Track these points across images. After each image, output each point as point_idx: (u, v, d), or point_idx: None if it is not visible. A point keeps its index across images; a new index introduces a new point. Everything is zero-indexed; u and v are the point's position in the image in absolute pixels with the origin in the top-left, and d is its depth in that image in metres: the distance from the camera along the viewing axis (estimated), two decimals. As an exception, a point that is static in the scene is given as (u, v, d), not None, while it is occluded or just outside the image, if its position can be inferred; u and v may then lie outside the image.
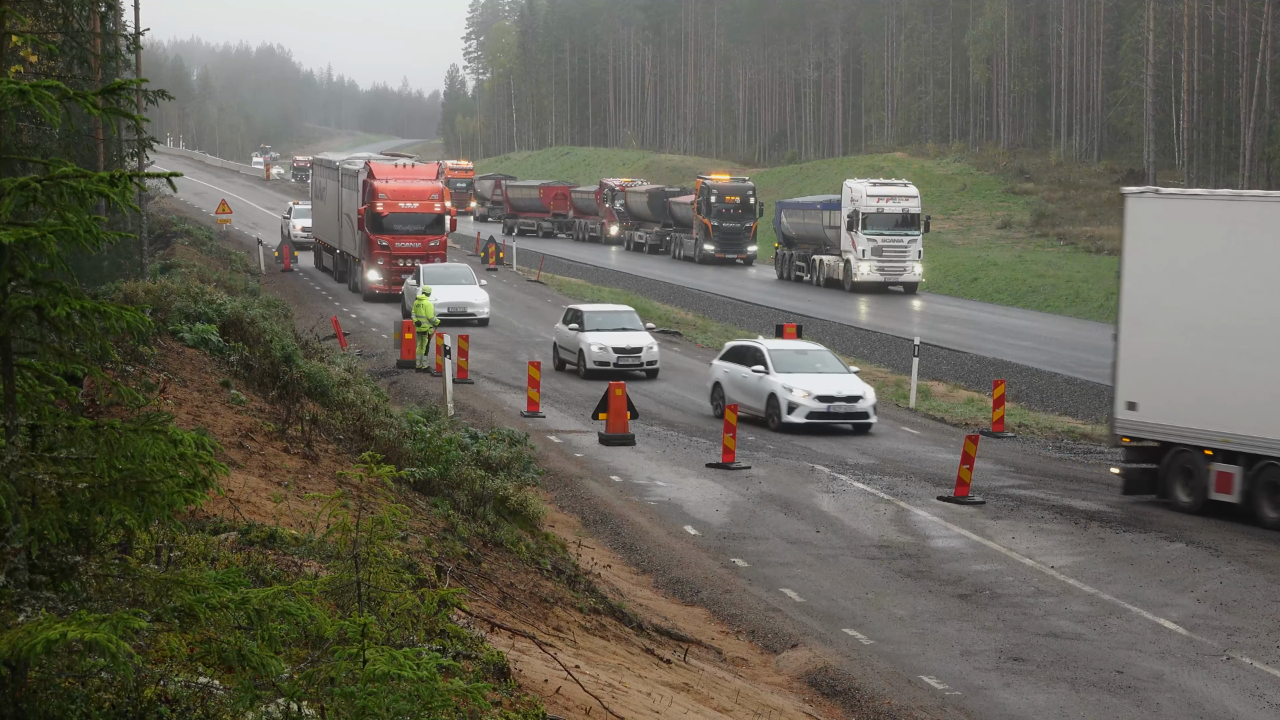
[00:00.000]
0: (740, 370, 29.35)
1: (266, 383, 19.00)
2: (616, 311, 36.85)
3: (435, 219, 49.49)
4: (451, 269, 47.11)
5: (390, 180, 49.24)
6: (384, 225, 48.51)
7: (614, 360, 34.31)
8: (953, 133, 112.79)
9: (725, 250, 72.90)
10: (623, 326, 35.46)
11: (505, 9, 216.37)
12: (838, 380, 28.68)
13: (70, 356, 5.90)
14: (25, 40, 8.20)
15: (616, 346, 34.53)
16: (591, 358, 34.34)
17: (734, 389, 29.21)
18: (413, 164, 51.24)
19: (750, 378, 28.98)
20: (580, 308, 36.55)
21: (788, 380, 28.40)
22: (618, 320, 35.83)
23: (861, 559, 19.12)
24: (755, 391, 28.82)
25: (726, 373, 29.78)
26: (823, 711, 13.41)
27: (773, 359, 28.85)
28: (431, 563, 11.62)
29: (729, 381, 29.51)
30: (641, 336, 35.29)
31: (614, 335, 34.81)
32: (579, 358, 34.86)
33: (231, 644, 5.64)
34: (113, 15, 38.64)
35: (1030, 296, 61.45)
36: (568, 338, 35.63)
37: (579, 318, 35.50)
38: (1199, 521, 21.74)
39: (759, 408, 28.63)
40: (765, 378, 28.61)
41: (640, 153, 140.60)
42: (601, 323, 35.35)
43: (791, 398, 28.12)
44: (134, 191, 5.66)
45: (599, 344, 34.41)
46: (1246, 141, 69.94)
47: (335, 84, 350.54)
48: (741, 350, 30.24)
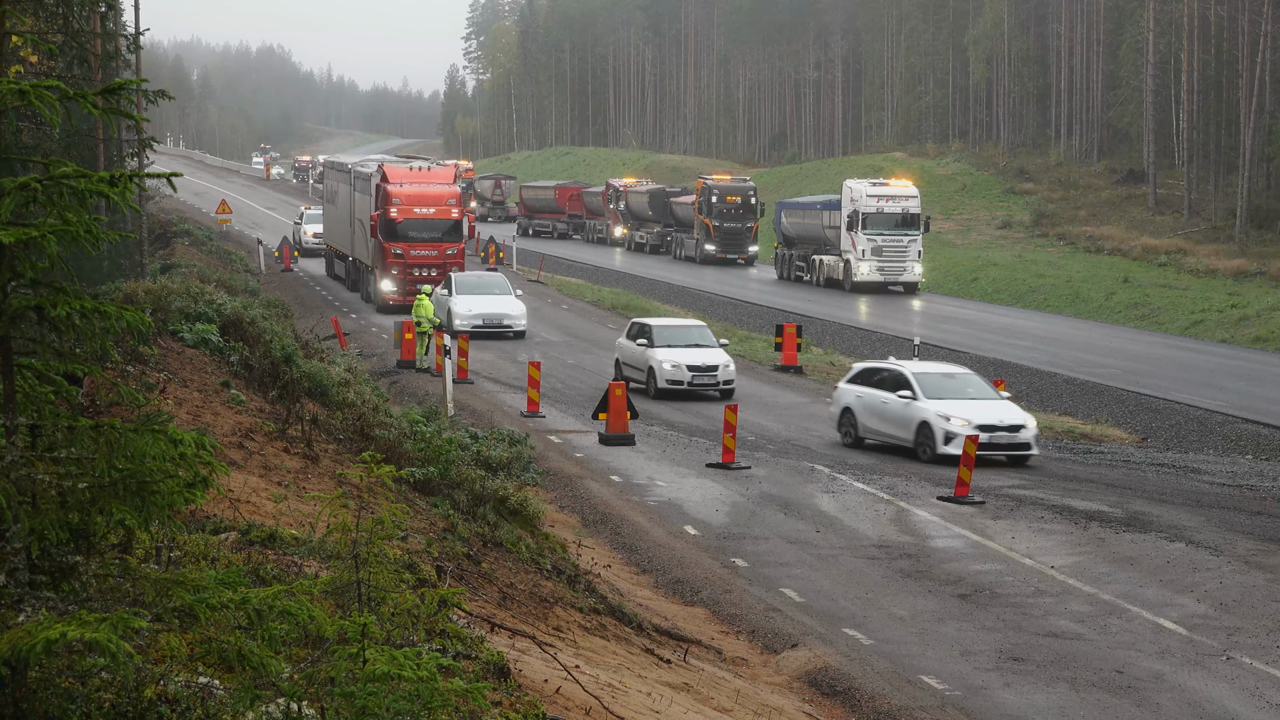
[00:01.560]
0: (878, 395, 26.82)
1: (266, 383, 19.00)
2: (688, 326, 34.30)
3: (452, 225, 46.66)
4: (486, 278, 45.10)
5: (405, 184, 46.49)
6: (398, 232, 45.86)
7: (688, 379, 31.91)
8: (953, 133, 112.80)
9: (726, 250, 72.90)
10: (696, 342, 32.88)
11: (505, 9, 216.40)
12: (995, 407, 26.10)
13: (70, 356, 5.90)
14: (25, 40, 8.20)
15: (691, 365, 32.00)
16: (664, 376, 31.87)
17: (870, 416, 26.83)
18: (428, 167, 48.38)
19: (893, 404, 26.42)
20: (649, 322, 34.00)
21: (941, 407, 25.80)
22: (690, 335, 33.25)
23: (861, 559, 19.12)
24: (900, 419, 26.32)
25: (860, 397, 27.19)
26: (823, 711, 13.41)
27: (920, 383, 26.28)
28: (431, 563, 11.62)
29: (864, 407, 26.95)
30: (717, 353, 32.60)
31: (687, 352, 32.30)
32: (649, 376, 32.28)
33: (231, 644, 5.64)
34: (113, 15, 38.65)
35: (1030, 296, 61.46)
36: (634, 354, 32.99)
37: (647, 333, 32.94)
38: (1199, 521, 21.75)
39: (905, 437, 26.24)
40: (913, 404, 26.06)
41: (640, 153, 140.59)
42: (672, 338, 32.81)
43: (949, 427, 25.42)
44: (134, 191, 5.66)
45: (671, 362, 31.95)
46: (1246, 141, 69.89)
47: (335, 84, 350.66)
48: (875, 373, 27.59)
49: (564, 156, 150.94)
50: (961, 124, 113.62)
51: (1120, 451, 28.35)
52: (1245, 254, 63.40)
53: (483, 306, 41.32)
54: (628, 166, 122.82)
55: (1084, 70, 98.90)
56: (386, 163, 48.96)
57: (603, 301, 52.96)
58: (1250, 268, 60.47)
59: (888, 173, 78.49)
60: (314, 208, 71.21)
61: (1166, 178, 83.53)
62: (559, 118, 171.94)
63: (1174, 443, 30.02)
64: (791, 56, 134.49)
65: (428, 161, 49.32)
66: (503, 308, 41.89)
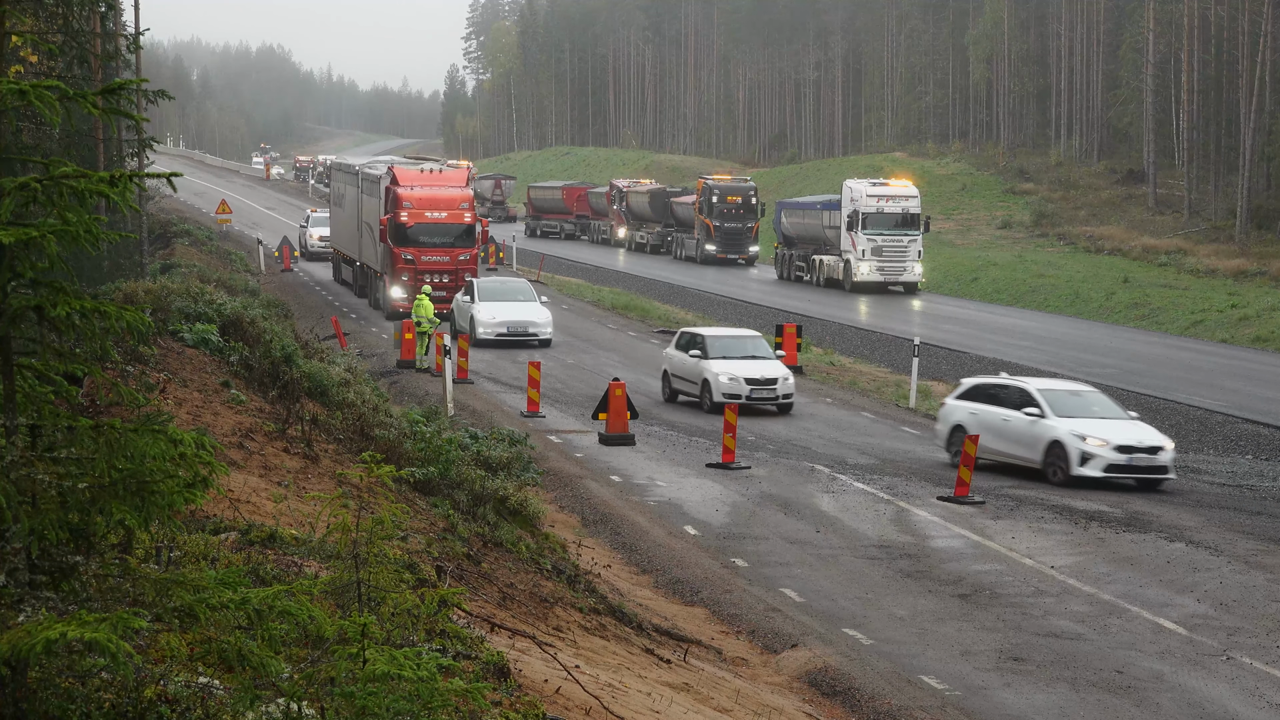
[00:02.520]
0: (997, 412, 25.28)
1: (266, 383, 19.00)
2: (743, 336, 32.67)
3: (465, 230, 44.74)
4: (509, 284, 43.23)
5: (416, 187, 44.65)
6: (409, 237, 44.00)
7: (746, 393, 30.23)
8: (953, 133, 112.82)
9: (727, 250, 72.90)
10: (752, 354, 31.30)
11: (505, 9, 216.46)
12: (1133, 428, 24.65)
13: (70, 356, 5.90)
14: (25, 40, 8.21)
15: (750, 377, 30.40)
16: (720, 389, 30.23)
17: (989, 434, 24.98)
18: (439, 169, 46.54)
19: (1017, 422, 24.92)
20: (701, 332, 32.28)
21: (1075, 426, 24.32)
22: (745, 346, 31.65)
23: (861, 559, 19.12)
24: (1027, 439, 24.80)
25: (974, 414, 25.60)
26: (823, 711, 13.41)
27: (1048, 401, 24.80)
28: (431, 563, 11.62)
29: (981, 425, 25.14)
30: (775, 366, 31.15)
31: (744, 364, 30.74)
32: (703, 389, 30.73)
33: (231, 644, 5.64)
34: (113, 15, 38.67)
35: (1030, 296, 61.47)
36: (686, 366, 31.32)
37: (700, 343, 31.22)
38: (1199, 521, 21.76)
39: (1030, 457, 24.75)
40: (1041, 423, 24.54)
41: (640, 153, 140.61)
42: (727, 349, 31.21)
43: (1085, 448, 23.98)
44: (134, 191, 5.66)
45: (728, 374, 30.38)
46: (1246, 141, 69.89)
47: (335, 84, 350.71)
48: (991, 388, 26.07)
49: (564, 156, 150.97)
50: (961, 124, 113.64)
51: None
52: (1245, 254, 63.40)
53: (507, 314, 40.02)
54: (628, 166, 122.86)
55: (1084, 70, 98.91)
56: (396, 164, 47.31)
57: (602, 301, 52.96)
58: (1250, 268, 60.47)
59: (888, 173, 78.49)
60: (320, 210, 69.61)
61: (1166, 178, 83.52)
62: (559, 118, 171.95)
63: (1174, 443, 29.98)
64: (791, 56, 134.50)
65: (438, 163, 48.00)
66: (528, 315, 40.36)
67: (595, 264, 72.00)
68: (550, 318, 40.89)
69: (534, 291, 42.39)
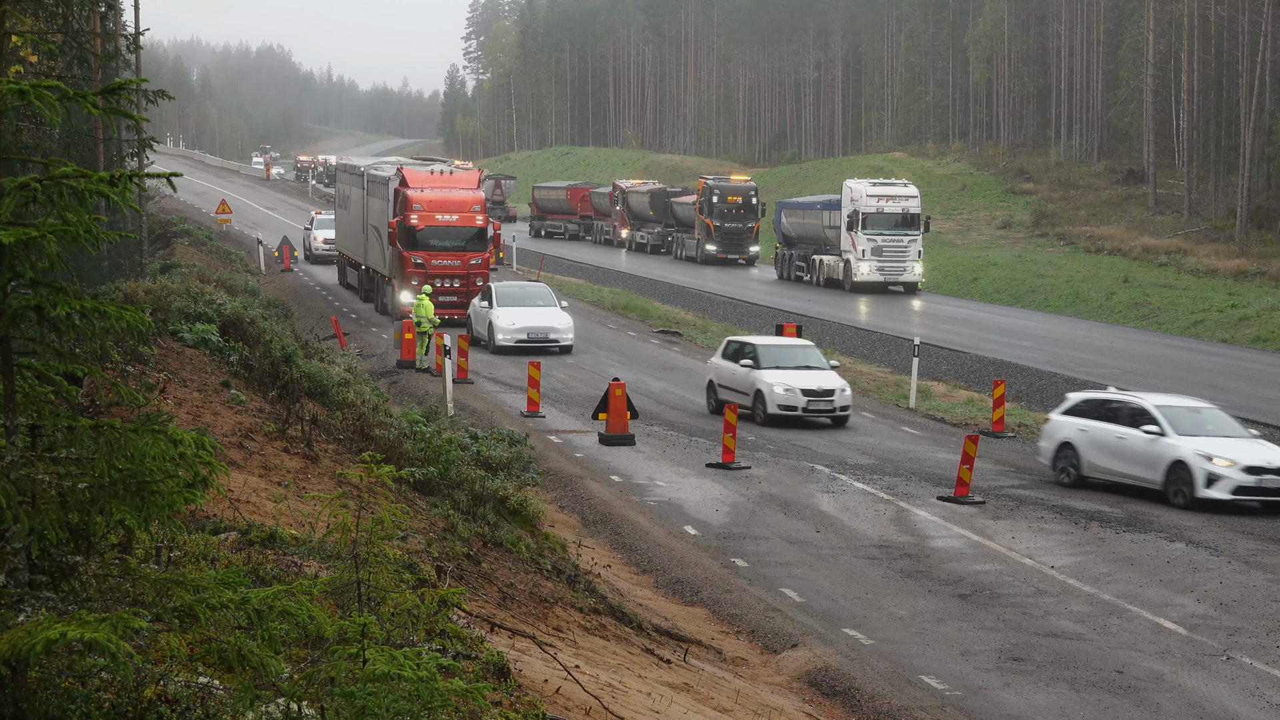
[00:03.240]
0: (1110, 429, 24.01)
1: (266, 383, 19.00)
2: (795, 346, 31.32)
3: (476, 233, 43.42)
4: (529, 289, 41.67)
5: (426, 189, 43.34)
6: (419, 240, 42.63)
7: (803, 404, 29.09)
8: (953, 133, 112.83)
9: (727, 250, 72.88)
10: (806, 364, 30.08)
11: (505, 9, 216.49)
12: (1258, 447, 23.26)
13: (70, 356, 5.90)
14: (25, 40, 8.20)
15: (806, 389, 29.17)
16: (775, 401, 29.08)
17: (1100, 452, 24.01)
18: (449, 170, 45.30)
19: (1134, 441, 23.53)
20: (753, 341, 31.05)
21: (1199, 445, 22.90)
22: (798, 356, 30.41)
23: (861, 559, 19.12)
24: (1145, 458, 23.37)
25: (1084, 431, 24.42)
26: (823, 711, 13.41)
27: (1167, 418, 23.43)
28: (431, 563, 11.62)
29: (1090, 443, 24.14)
30: (831, 376, 29.78)
31: (799, 375, 29.51)
32: (755, 400, 29.49)
33: (231, 644, 5.64)
34: (113, 15, 38.68)
35: (1030, 296, 61.47)
36: (737, 376, 30.07)
37: (751, 353, 30.05)
38: (1199, 521, 21.76)
39: (1150, 477, 23.28)
40: (1161, 441, 23.15)
41: (640, 153, 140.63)
42: (780, 358, 30.02)
43: (1211, 468, 22.58)
44: (134, 191, 5.66)
45: (783, 385, 29.16)
46: (1246, 141, 69.88)
47: (335, 84, 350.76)
48: (1103, 404, 24.70)
49: (564, 156, 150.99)
50: (961, 124, 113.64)
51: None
52: (1245, 254, 63.39)
53: (526, 320, 38.67)
54: (628, 166, 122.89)
55: (1084, 70, 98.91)
56: (405, 166, 46.16)
57: (603, 301, 52.95)
58: (1250, 268, 60.47)
59: (888, 173, 78.51)
60: (325, 212, 68.33)
61: (1166, 178, 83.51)
62: (559, 118, 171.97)
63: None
64: (791, 56, 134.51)
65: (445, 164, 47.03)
66: (548, 320, 38.96)
67: (595, 264, 72.00)
68: (571, 323, 39.57)
69: (554, 296, 41.06)
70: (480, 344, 38.55)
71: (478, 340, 38.49)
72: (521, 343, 38.11)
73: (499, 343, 38.20)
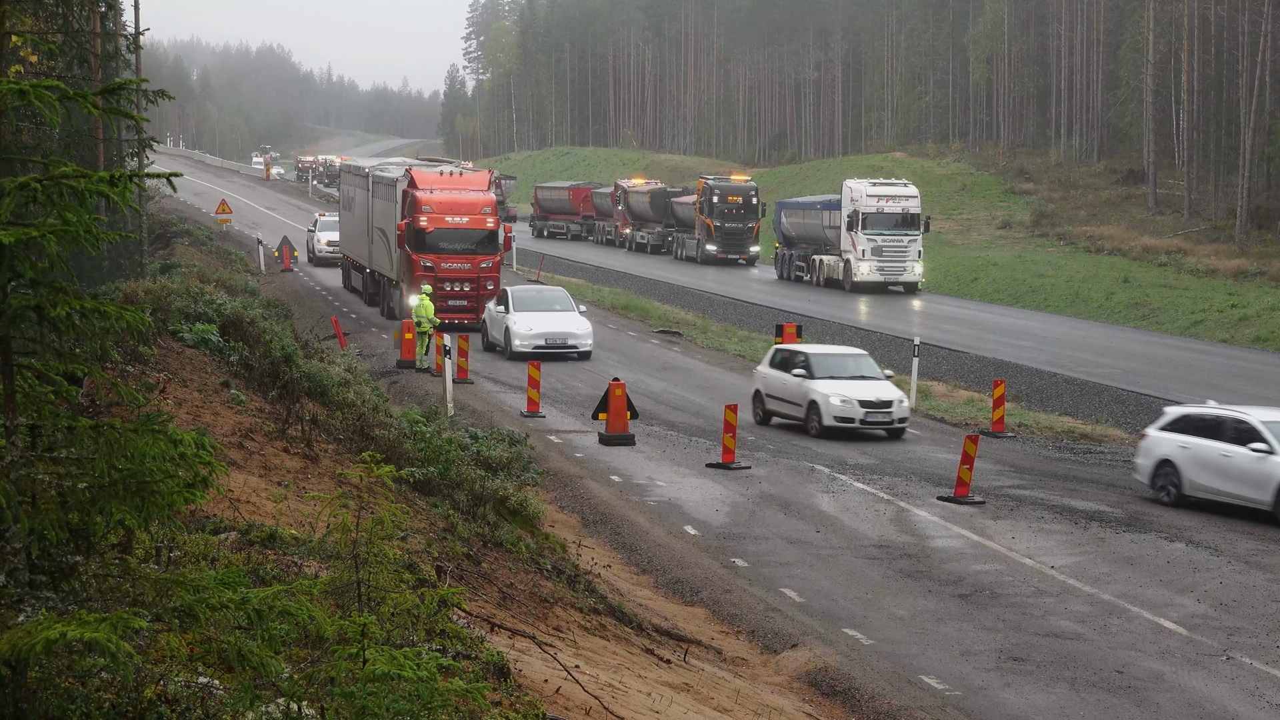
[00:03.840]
0: (1214, 447, 22.51)
1: (266, 383, 19.00)
2: (848, 355, 30.17)
3: (487, 236, 42.07)
4: (545, 293, 40.27)
5: (435, 191, 42.13)
6: (428, 243, 41.34)
7: (860, 416, 27.87)
8: (953, 133, 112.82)
9: (728, 251, 72.88)
10: (861, 374, 28.87)
11: (505, 9, 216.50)
12: None
13: (70, 356, 5.90)
14: (25, 40, 8.19)
15: (864, 400, 27.90)
16: (831, 413, 27.89)
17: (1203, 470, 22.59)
18: (459, 171, 44.22)
19: (1240, 459, 22.04)
20: (805, 350, 29.76)
21: None
22: (851, 365, 29.22)
23: (861, 559, 19.12)
24: (1254, 478, 21.88)
25: (1185, 448, 22.87)
26: (823, 711, 13.41)
27: (1276, 435, 21.75)
28: (431, 563, 11.62)
29: (1192, 460, 22.72)
30: (888, 387, 28.61)
31: (854, 385, 28.31)
32: (809, 411, 28.29)
33: (231, 644, 5.64)
34: (113, 15, 38.69)
35: (1030, 296, 61.47)
36: (787, 386, 28.92)
37: (804, 362, 28.75)
38: (1199, 521, 21.76)
39: (1260, 498, 21.82)
40: (1271, 460, 21.59)
41: (640, 153, 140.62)
42: (834, 368, 28.85)
43: None
44: (134, 191, 5.66)
45: (840, 396, 27.91)
46: (1246, 141, 69.88)
47: (335, 84, 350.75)
48: (1203, 420, 23.08)
49: (564, 156, 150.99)
50: (961, 124, 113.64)
51: (1120, 451, 28.33)
52: (1245, 254, 63.40)
53: (544, 325, 37.49)
54: (628, 166, 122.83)
55: (1084, 70, 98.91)
56: (414, 167, 44.85)
57: (603, 301, 52.94)
58: (1250, 268, 60.47)
59: (888, 173, 78.52)
60: (328, 214, 66.87)
61: (1166, 178, 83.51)
62: (559, 118, 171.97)
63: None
64: (791, 56, 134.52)
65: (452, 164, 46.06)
66: (566, 326, 37.74)
67: (596, 264, 72.00)
68: (590, 328, 38.35)
69: (572, 300, 39.74)
70: (496, 350, 37.93)
71: (493, 346, 37.80)
72: (539, 349, 36.83)
73: (516, 348, 37.12)
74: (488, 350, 38.48)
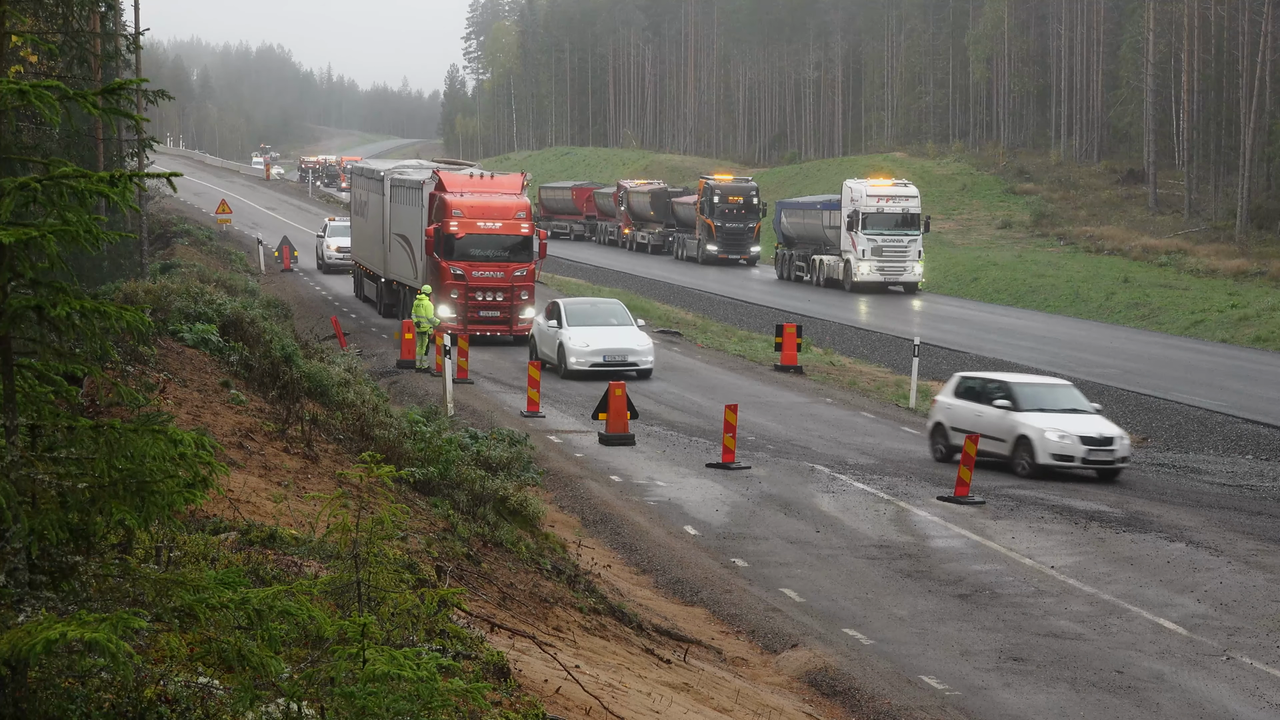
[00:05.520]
0: None
1: (266, 383, 19.00)
2: (1055, 385, 27.16)
3: (521, 242, 39.58)
4: (600, 305, 37.60)
5: (466, 194, 39.84)
6: (458, 250, 38.91)
7: (1082, 454, 24.81)
8: (953, 133, 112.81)
9: (728, 251, 72.87)
10: (1073, 406, 25.89)
11: (505, 9, 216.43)
12: None
13: (70, 356, 5.90)
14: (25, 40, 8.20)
15: (1085, 436, 24.91)
16: (1048, 449, 24.89)
17: None
18: (490, 174, 42.12)
19: None
20: (1004, 379, 27.07)
21: None
22: (1060, 397, 26.27)
23: (861, 559, 19.12)
24: None
25: None
26: (823, 711, 13.41)
27: None
28: (431, 563, 11.63)
29: None
30: (1105, 422, 25.67)
31: (1069, 419, 25.35)
32: (1016, 447, 25.25)
33: (231, 644, 5.64)
34: (113, 15, 38.68)
35: (1030, 296, 61.47)
36: (985, 419, 25.59)
37: (1007, 392, 25.81)
38: (1199, 521, 21.76)
39: None
40: None
41: (640, 153, 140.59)
42: (1042, 399, 25.97)
43: None
44: (134, 191, 5.67)
45: (1057, 430, 24.96)
46: (1246, 141, 69.88)
47: (335, 84, 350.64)
48: None
49: (564, 156, 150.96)
50: (961, 124, 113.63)
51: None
52: (1245, 254, 63.40)
53: (602, 341, 34.72)
54: (628, 166, 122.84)
55: (1084, 70, 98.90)
56: (441, 169, 42.76)
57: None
58: (1250, 268, 60.48)
59: (888, 173, 78.52)
60: (338, 219, 63.32)
61: (1166, 178, 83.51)
62: (559, 118, 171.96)
63: (1174, 443, 29.99)
64: (791, 56, 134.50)
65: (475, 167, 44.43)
66: (625, 342, 34.99)
67: (596, 264, 72.00)
68: (651, 345, 35.62)
69: (628, 313, 37.00)
70: (547, 367, 34.28)
71: (544, 363, 34.23)
72: (597, 366, 34.25)
73: (571, 366, 34.34)
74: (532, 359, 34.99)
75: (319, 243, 63.38)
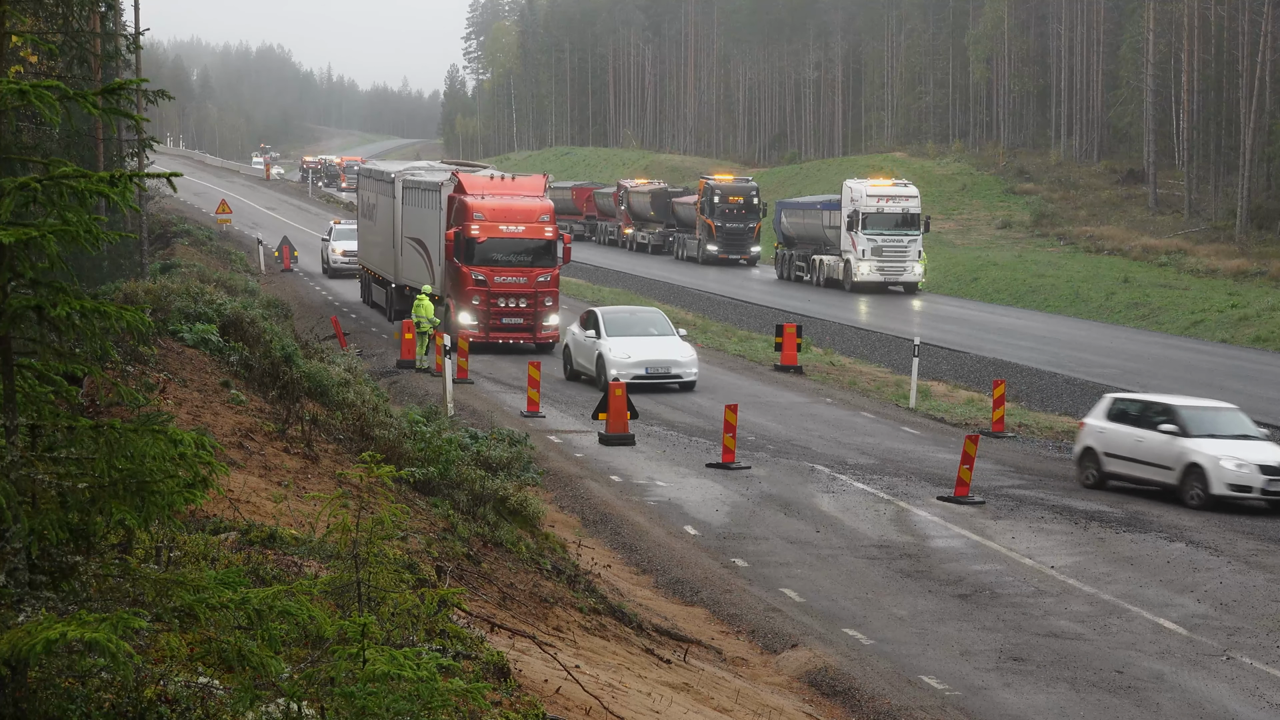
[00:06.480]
0: None
1: (266, 383, 19.00)
2: (1220, 409, 25.13)
3: (545, 246, 38.15)
4: (640, 314, 36.12)
5: (487, 196, 38.41)
6: (480, 254, 37.55)
7: (1261, 484, 22.81)
8: (953, 133, 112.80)
9: (728, 251, 72.85)
10: (1244, 433, 24.09)
11: (505, 9, 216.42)
12: None
13: (70, 356, 5.90)
14: (25, 40, 8.20)
15: (1265, 465, 23.00)
16: (1224, 479, 22.89)
17: None
18: (510, 176, 40.66)
19: None
20: (1167, 401, 25.11)
21: None
22: (1227, 421, 24.40)
23: (861, 559, 19.12)
24: None
25: None
26: (823, 711, 13.41)
27: None
28: (431, 563, 11.63)
29: None
30: (1276, 449, 23.75)
31: (1243, 446, 23.54)
32: (1185, 475, 23.33)
33: (231, 644, 5.64)
34: (113, 15, 38.70)
35: (1030, 296, 61.47)
36: (1147, 446, 24.01)
37: (1172, 416, 24.01)
38: (1199, 521, 21.76)
39: None
40: None
41: (640, 153, 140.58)
42: (1211, 424, 24.07)
43: None
44: (134, 191, 5.67)
45: (1234, 459, 23.06)
46: (1246, 141, 69.87)
47: (335, 84, 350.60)
48: None
49: (564, 156, 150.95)
50: (961, 124, 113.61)
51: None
52: (1245, 254, 63.40)
53: (643, 352, 33.18)
54: (628, 166, 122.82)
55: (1084, 70, 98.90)
56: (460, 171, 41.48)
57: (603, 302, 52.93)
58: (1250, 268, 60.47)
59: (888, 173, 78.51)
60: (344, 221, 61.96)
61: (1166, 178, 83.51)
62: (559, 118, 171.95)
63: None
64: (791, 56, 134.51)
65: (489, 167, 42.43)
66: (668, 353, 33.47)
67: (596, 264, 72.00)
68: (694, 355, 34.18)
69: (669, 322, 35.52)
70: (582, 379, 33.95)
71: (577, 375, 33.83)
72: (639, 379, 32.51)
73: (612, 378, 31.48)
74: (571, 380, 34.43)
75: (324, 246, 61.60)
